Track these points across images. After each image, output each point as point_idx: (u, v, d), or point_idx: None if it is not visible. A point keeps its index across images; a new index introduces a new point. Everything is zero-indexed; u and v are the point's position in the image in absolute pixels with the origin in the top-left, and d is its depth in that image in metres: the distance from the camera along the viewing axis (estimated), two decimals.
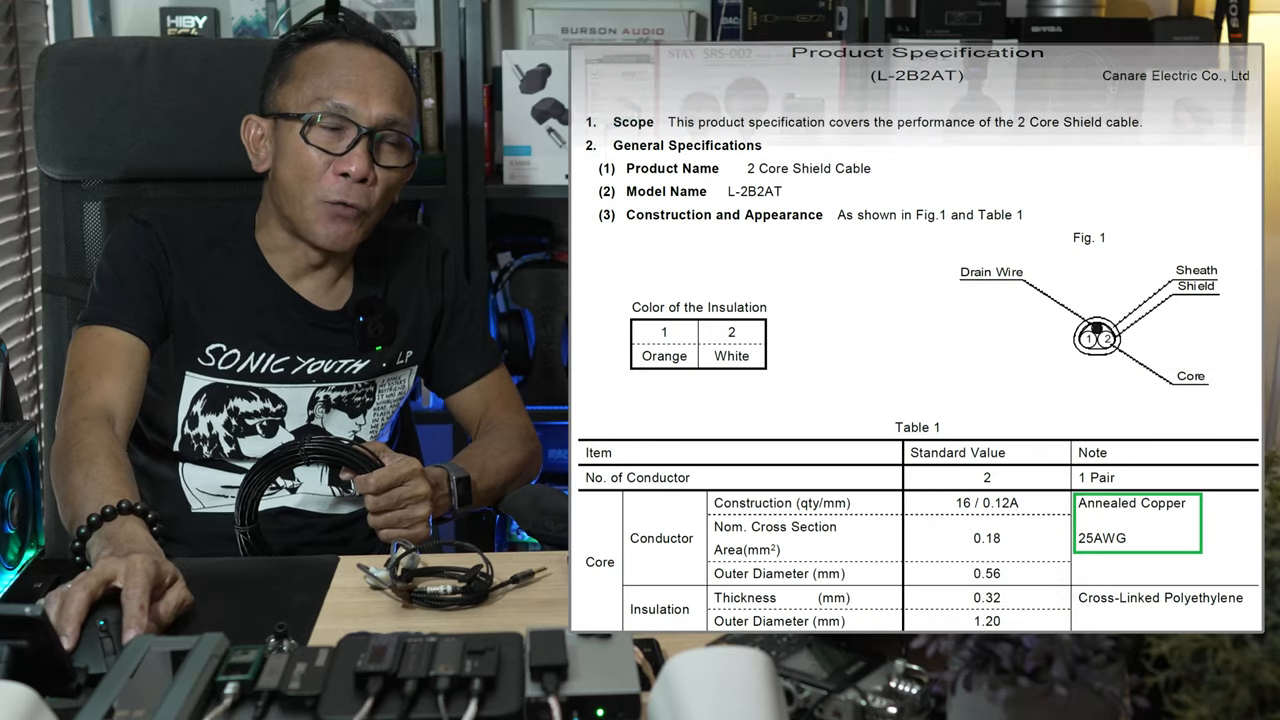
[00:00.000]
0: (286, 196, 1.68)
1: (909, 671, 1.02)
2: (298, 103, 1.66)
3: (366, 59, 1.68)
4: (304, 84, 1.67)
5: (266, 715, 0.98)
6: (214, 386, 1.70)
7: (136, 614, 1.19)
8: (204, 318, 1.70)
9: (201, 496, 1.71)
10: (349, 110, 1.65)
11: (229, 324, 1.71)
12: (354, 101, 1.65)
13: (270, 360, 1.71)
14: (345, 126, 1.65)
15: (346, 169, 1.64)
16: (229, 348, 1.70)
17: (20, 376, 2.57)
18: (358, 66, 1.67)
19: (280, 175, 1.68)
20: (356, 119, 1.65)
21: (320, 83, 1.66)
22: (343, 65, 1.67)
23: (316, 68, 1.67)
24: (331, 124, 1.65)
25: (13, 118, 2.55)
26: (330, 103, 1.65)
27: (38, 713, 0.91)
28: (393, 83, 1.69)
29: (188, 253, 1.72)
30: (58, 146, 1.88)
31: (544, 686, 0.99)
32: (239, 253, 1.74)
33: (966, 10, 2.58)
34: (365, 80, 1.66)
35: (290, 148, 1.66)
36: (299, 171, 1.66)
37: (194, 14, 2.62)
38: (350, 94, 1.65)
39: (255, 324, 1.72)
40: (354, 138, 1.64)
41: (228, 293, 1.72)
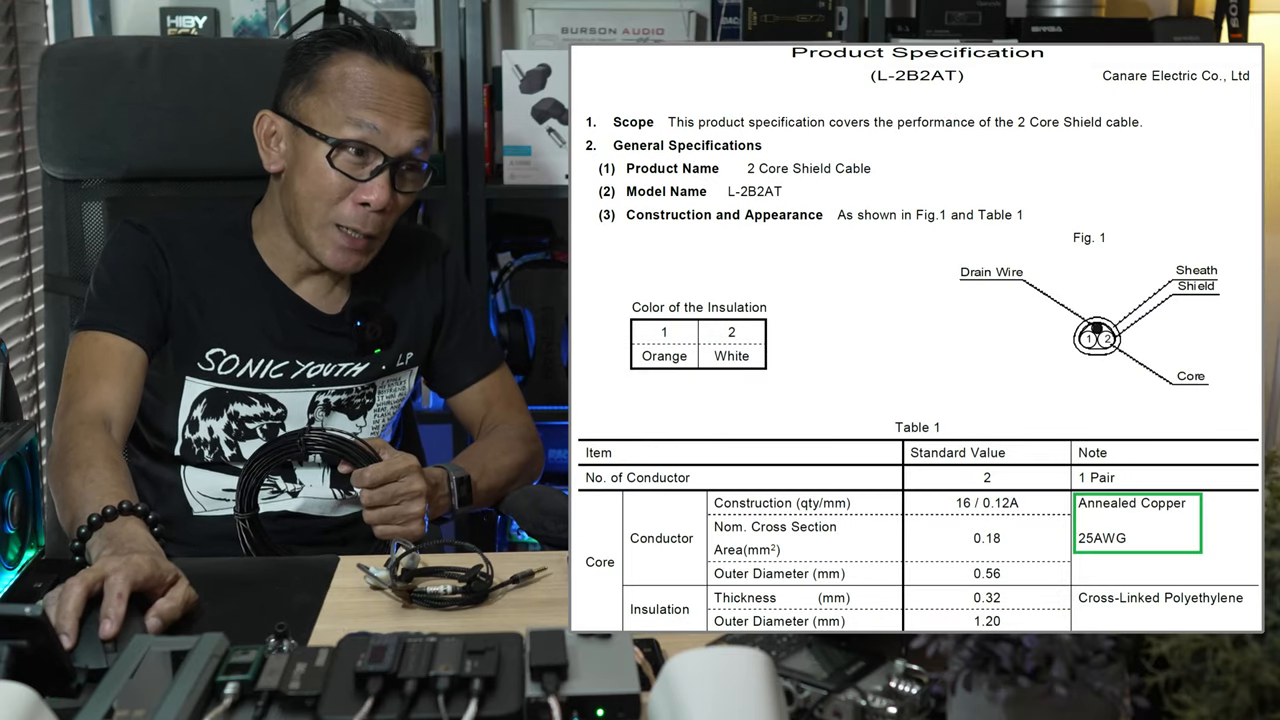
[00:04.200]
0: (299, 210, 1.67)
1: (909, 671, 1.02)
2: (324, 120, 1.64)
3: (398, 84, 1.65)
4: (332, 101, 1.64)
5: (266, 715, 0.98)
6: (214, 391, 1.70)
7: (114, 602, 1.17)
8: (203, 322, 1.70)
9: (202, 500, 1.71)
10: (379, 137, 1.63)
11: (228, 328, 1.70)
12: (384, 129, 1.63)
13: (269, 365, 1.71)
14: (370, 153, 1.63)
15: (367, 198, 1.63)
16: (228, 352, 1.70)
17: (20, 376, 2.57)
18: (390, 93, 1.64)
19: (296, 188, 1.66)
20: (383, 147, 1.63)
21: (351, 104, 1.63)
22: (375, 90, 1.64)
23: (349, 87, 1.64)
24: (357, 150, 1.63)
25: (13, 118, 2.55)
26: (361, 125, 1.62)
27: (38, 713, 0.91)
28: (421, 108, 1.67)
29: (185, 256, 1.71)
30: (60, 146, 1.88)
31: (544, 686, 0.99)
32: (237, 255, 1.73)
33: (966, 10, 2.58)
34: (397, 109, 1.64)
35: (312, 165, 1.64)
36: (318, 191, 1.64)
37: (194, 14, 2.62)
38: (381, 120, 1.63)
39: (254, 327, 1.71)
40: (378, 165, 1.63)
41: (227, 296, 1.71)
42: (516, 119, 2.53)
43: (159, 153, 1.90)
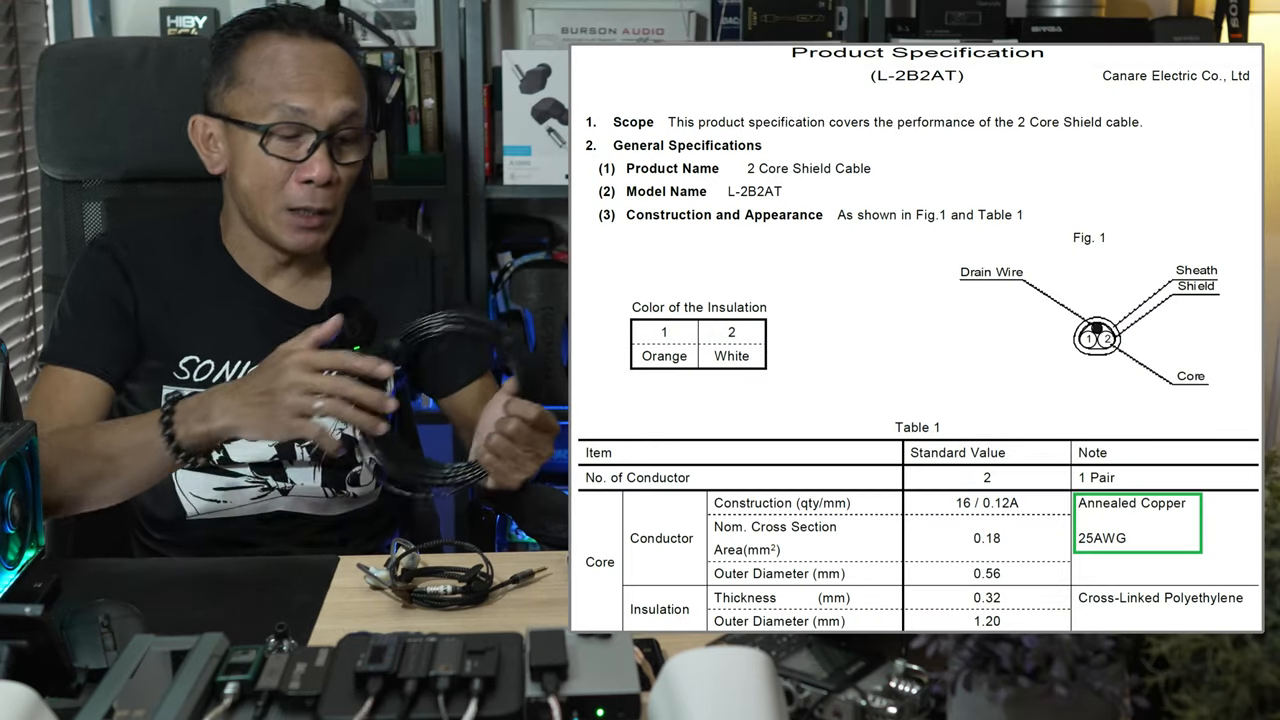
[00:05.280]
0: (250, 204, 1.66)
1: (909, 671, 1.02)
2: (250, 109, 1.63)
3: (314, 54, 1.64)
4: (253, 87, 1.63)
5: (266, 715, 0.98)
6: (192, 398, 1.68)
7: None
8: (176, 333, 1.68)
9: (195, 501, 1.70)
10: (305, 114, 1.62)
11: (202, 335, 1.69)
12: (309, 104, 1.62)
13: (247, 367, 1.68)
14: (303, 132, 1.62)
15: (309, 176, 1.62)
16: (202, 359, 1.68)
17: (20, 376, 2.57)
18: (307, 65, 1.63)
19: (240, 184, 1.66)
20: (312, 123, 1.62)
21: (271, 86, 1.62)
22: (291, 65, 1.63)
23: (265, 69, 1.63)
24: (289, 131, 1.62)
25: (13, 118, 2.55)
26: (285, 108, 1.61)
27: (38, 713, 0.91)
28: (344, 75, 1.65)
29: (154, 270, 1.70)
30: (59, 146, 1.88)
31: (544, 686, 0.99)
32: (208, 259, 1.72)
33: (966, 10, 2.58)
34: (317, 80, 1.63)
35: (249, 157, 1.64)
36: (261, 181, 1.64)
37: (194, 14, 2.62)
38: (304, 96, 1.62)
39: (230, 332, 1.70)
40: (313, 143, 1.62)
41: (200, 303, 1.70)
42: (516, 119, 2.53)
43: (158, 153, 1.90)
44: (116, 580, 1.41)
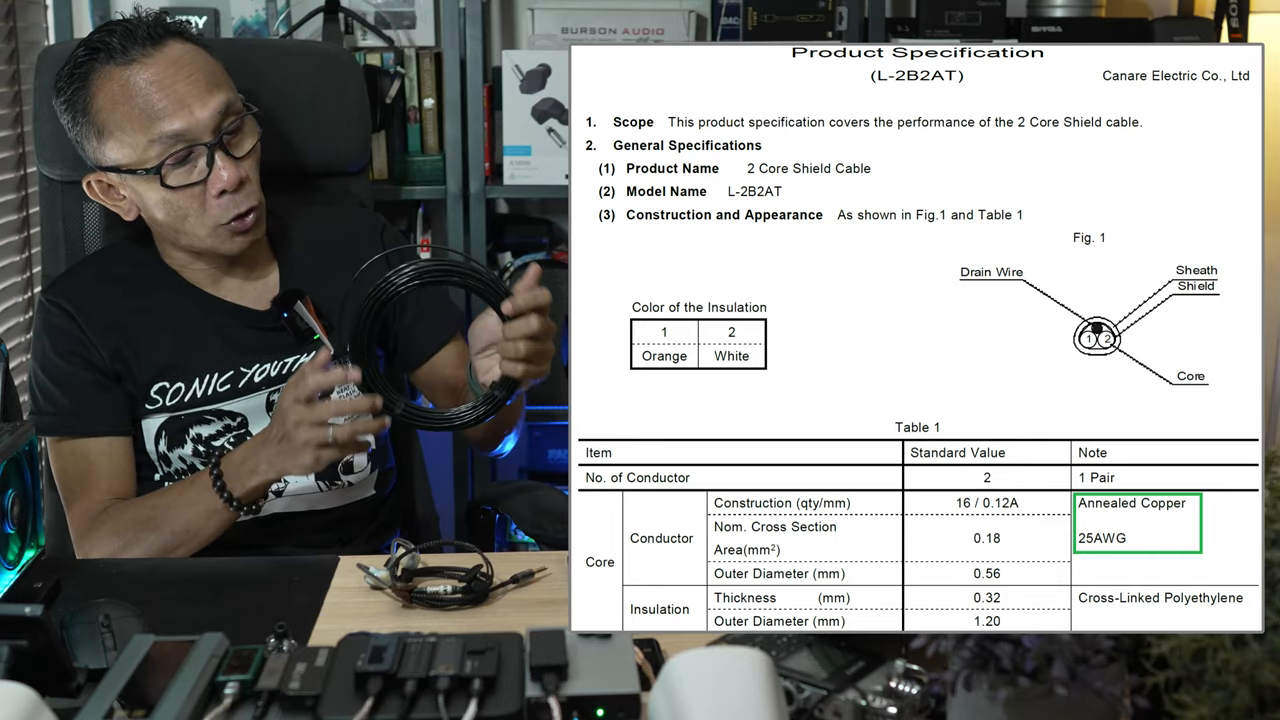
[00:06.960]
0: (180, 234, 1.64)
1: (909, 671, 1.02)
2: (131, 154, 1.59)
3: (159, 69, 1.57)
4: (123, 134, 1.58)
5: (266, 715, 0.98)
6: (170, 421, 1.67)
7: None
8: (140, 364, 1.67)
9: None
10: (184, 134, 1.57)
11: (165, 360, 1.67)
12: (183, 122, 1.57)
13: (215, 379, 1.68)
14: (192, 150, 1.58)
15: (220, 188, 1.59)
16: (171, 383, 1.67)
17: (20, 376, 2.57)
18: (159, 84, 1.57)
19: (161, 221, 1.63)
20: (196, 136, 1.58)
21: (138, 124, 1.57)
22: (144, 92, 1.57)
23: (122, 111, 1.57)
24: (178, 157, 1.58)
25: (13, 118, 2.55)
26: (163, 139, 1.57)
27: (38, 713, 0.91)
28: (199, 71, 1.60)
29: (103, 313, 1.67)
30: (57, 147, 1.87)
31: (544, 686, 0.99)
32: (154, 282, 1.70)
33: (966, 10, 2.58)
34: (176, 94, 1.57)
35: (156, 197, 1.61)
36: (178, 213, 1.61)
37: (194, 14, 2.62)
38: (173, 118, 1.57)
39: (191, 347, 1.68)
40: (206, 156, 1.58)
41: (155, 328, 1.68)
42: (516, 119, 2.52)
43: None
44: (116, 580, 1.41)
